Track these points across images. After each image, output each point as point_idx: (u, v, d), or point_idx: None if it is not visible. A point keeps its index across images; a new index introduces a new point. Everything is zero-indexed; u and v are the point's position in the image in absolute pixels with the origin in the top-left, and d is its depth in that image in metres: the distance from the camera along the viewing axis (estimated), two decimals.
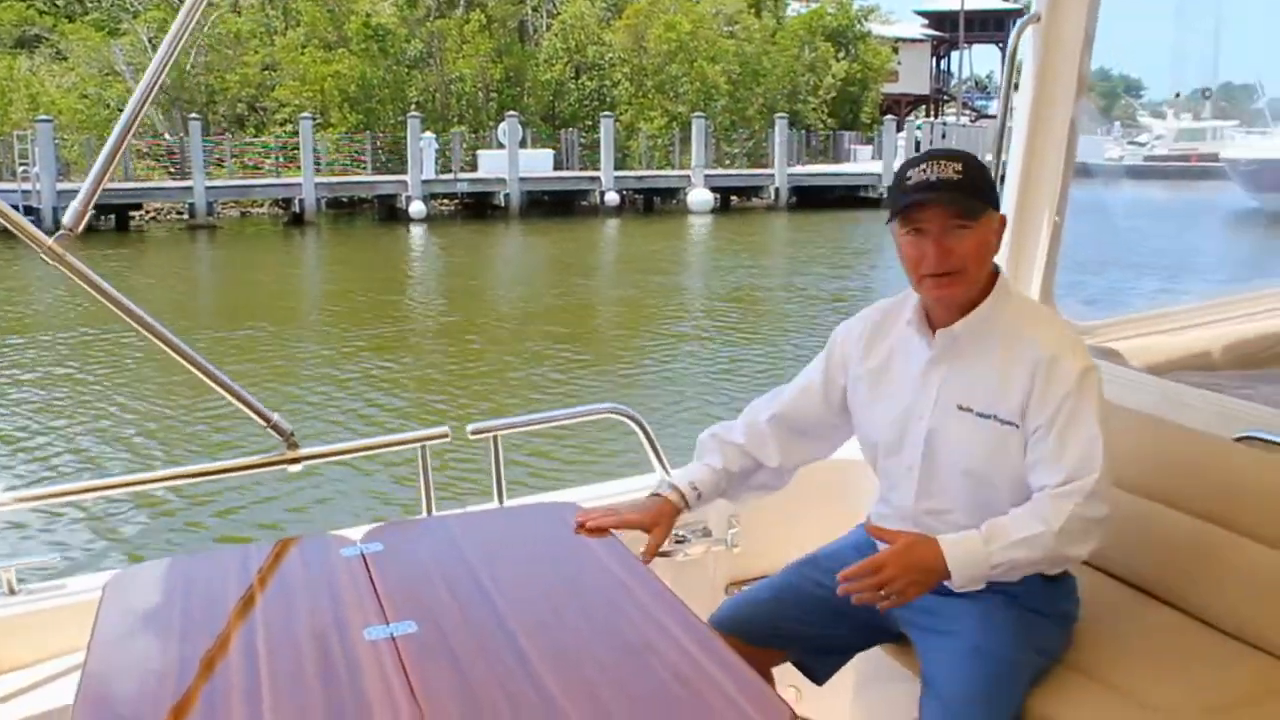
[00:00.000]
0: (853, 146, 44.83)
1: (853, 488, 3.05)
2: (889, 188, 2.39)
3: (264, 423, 2.68)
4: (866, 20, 50.21)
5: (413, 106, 37.39)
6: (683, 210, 36.49)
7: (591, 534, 2.37)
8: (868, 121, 47.81)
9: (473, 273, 24.97)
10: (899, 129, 41.89)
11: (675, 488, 2.51)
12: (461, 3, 41.67)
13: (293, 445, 2.73)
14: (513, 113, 35.99)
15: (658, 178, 38.84)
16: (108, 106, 35.01)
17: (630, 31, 42.07)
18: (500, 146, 35.64)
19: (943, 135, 42.75)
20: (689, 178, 37.33)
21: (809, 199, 38.44)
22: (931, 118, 55.93)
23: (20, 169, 29.00)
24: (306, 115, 33.98)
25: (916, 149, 37.61)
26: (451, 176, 35.55)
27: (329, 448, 2.93)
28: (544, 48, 43.32)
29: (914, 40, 59.34)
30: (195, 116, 33.28)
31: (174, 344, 2.51)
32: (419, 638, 1.92)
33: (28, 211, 26.23)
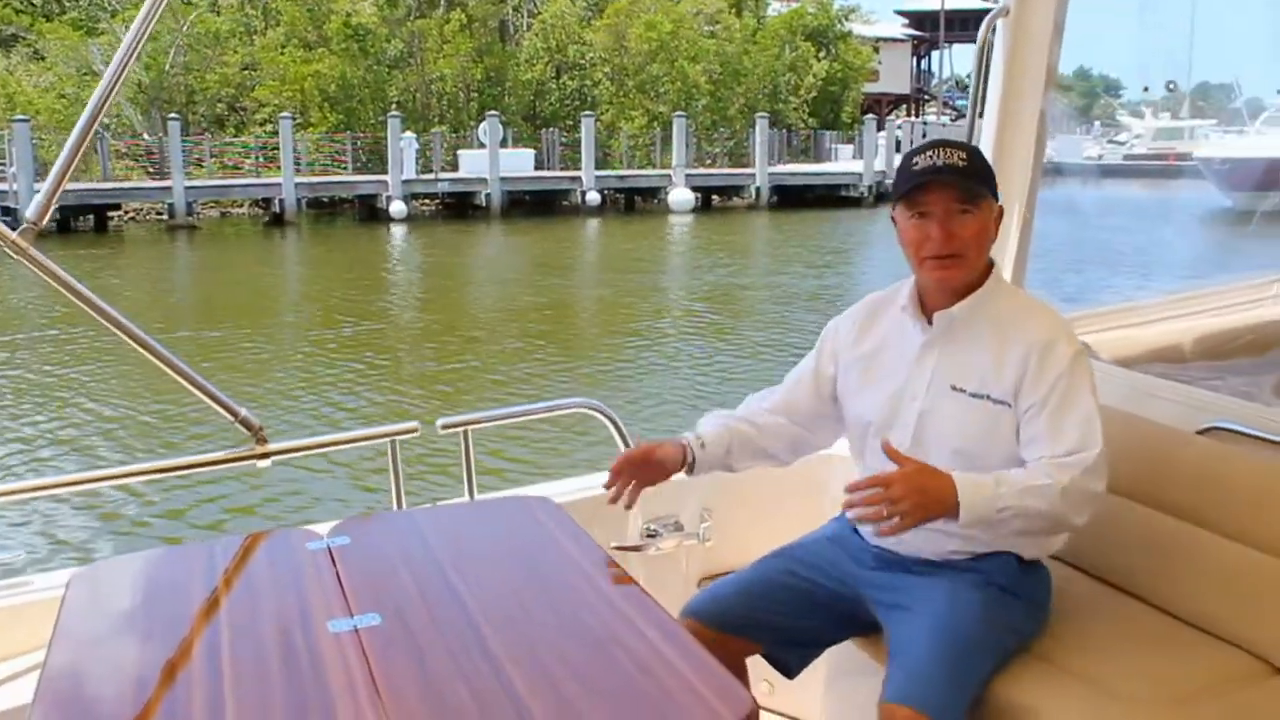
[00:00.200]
0: (834, 146, 44.89)
1: (825, 483, 3.05)
2: (898, 168, 2.44)
3: (232, 417, 2.66)
4: (847, 20, 50.25)
5: (393, 106, 37.30)
6: (664, 210, 36.47)
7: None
8: (849, 121, 47.85)
9: (452, 273, 24.92)
10: (880, 128, 41.98)
11: (682, 442, 2.53)
12: (442, 2, 41.55)
13: (261, 440, 2.71)
14: (493, 112, 35.90)
15: (639, 177, 38.83)
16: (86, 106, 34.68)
17: (611, 31, 42.05)
18: (481, 146, 35.57)
19: (923, 135, 42.79)
20: (670, 177, 37.33)
21: (790, 198, 38.51)
22: (912, 117, 56.10)
23: None
24: (286, 115, 33.85)
25: (897, 149, 37.77)
26: (432, 176, 35.48)
27: (298, 443, 2.91)
28: (525, 47, 43.26)
29: (895, 40, 59.47)
30: (174, 116, 33.10)
31: (139, 338, 2.49)
32: (383, 630, 1.91)
33: (5, 212, 26.09)
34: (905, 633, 2.30)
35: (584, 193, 36.12)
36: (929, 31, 60.10)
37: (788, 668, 2.57)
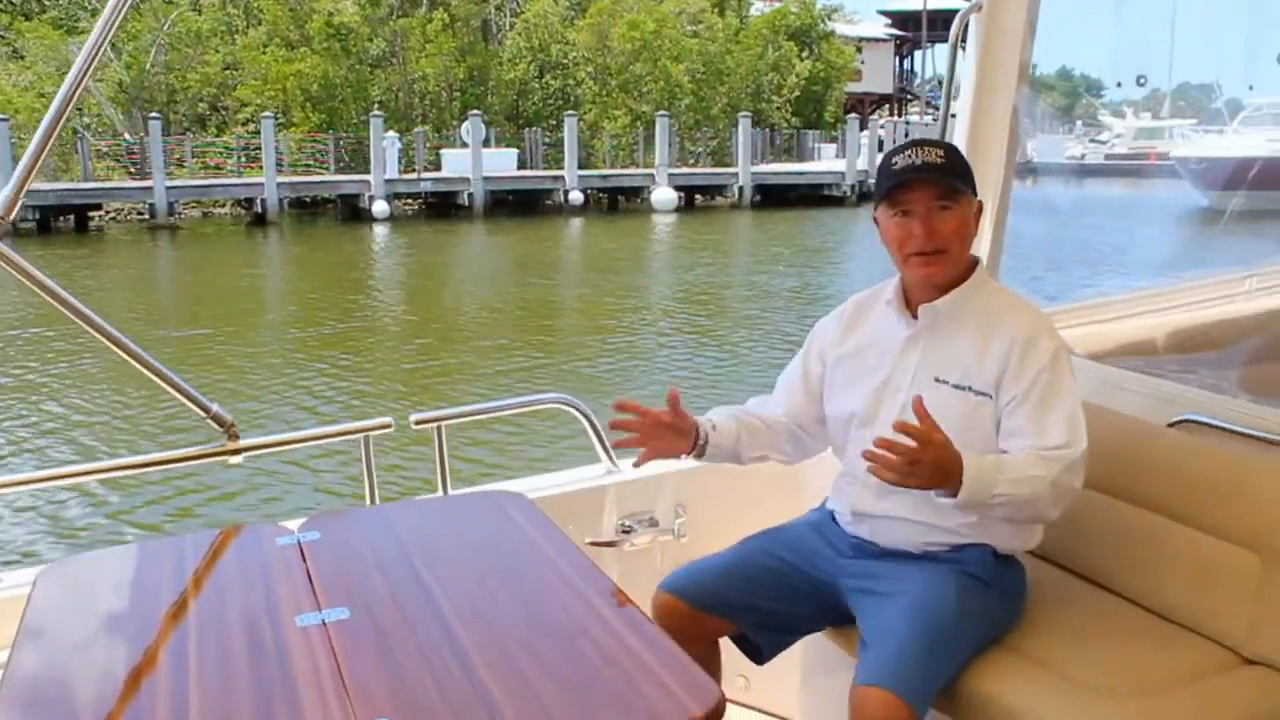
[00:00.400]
0: (817, 145, 44.94)
1: (802, 478, 3.05)
2: (878, 169, 2.48)
3: (203, 413, 2.64)
4: (830, 19, 50.32)
5: (376, 106, 37.20)
6: (647, 209, 36.48)
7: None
8: (831, 120, 47.89)
9: (434, 272, 24.86)
10: (863, 128, 42.03)
11: (695, 421, 2.54)
12: (424, 2, 41.48)
13: (233, 436, 2.70)
14: (476, 112, 35.85)
15: (622, 177, 38.81)
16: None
17: (594, 30, 42.03)
18: (464, 146, 35.52)
19: (906, 134, 42.87)
20: (653, 177, 37.33)
21: (772, 198, 38.55)
22: (895, 117, 56.20)
23: None
24: (268, 115, 33.71)
25: (880, 148, 37.80)
26: (415, 176, 35.43)
27: (270, 439, 2.89)
28: (507, 47, 43.20)
29: (877, 40, 59.56)
30: (155, 116, 32.93)
31: (109, 334, 2.47)
32: (350, 623, 1.91)
33: None
34: (879, 619, 2.31)
35: (567, 192, 36.09)
36: (912, 31, 60.22)
37: (759, 653, 2.58)
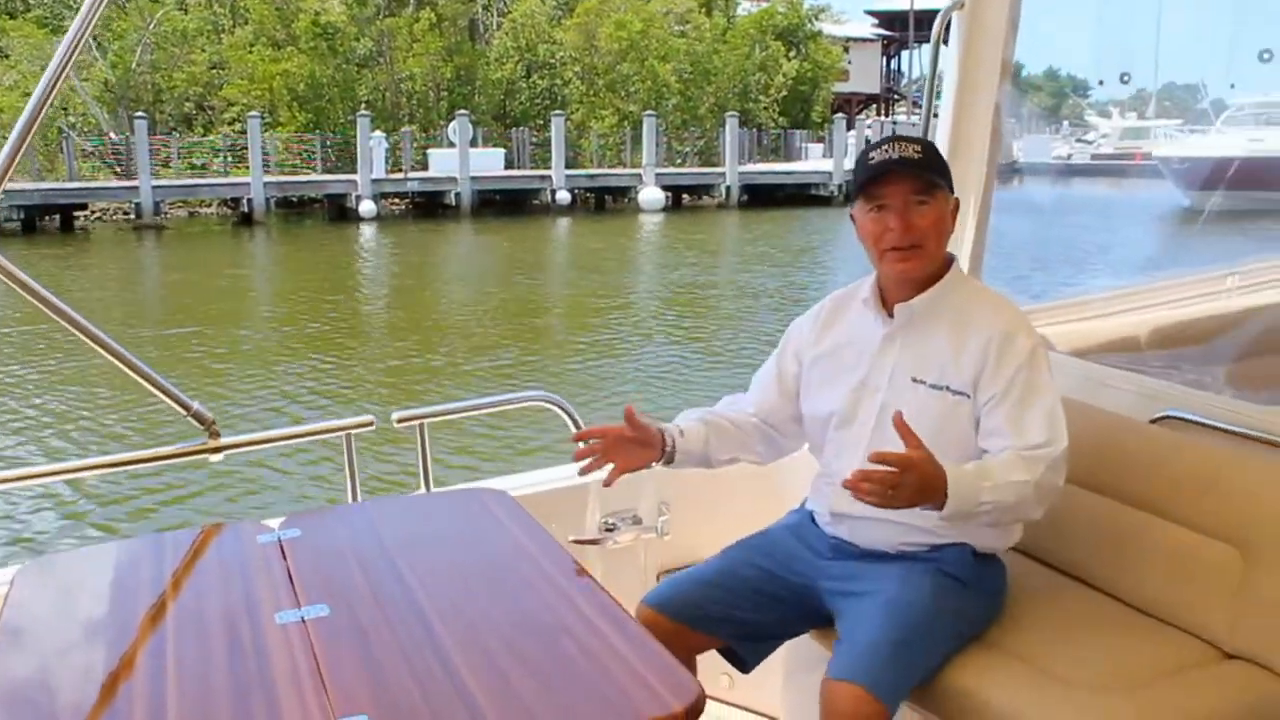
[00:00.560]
0: (804, 145, 45.00)
1: (784, 476, 3.05)
2: (854, 165, 2.47)
3: (183, 411, 2.63)
4: (817, 19, 50.37)
5: (362, 105, 37.12)
6: (634, 209, 36.47)
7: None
8: (819, 120, 47.98)
9: (421, 272, 24.83)
10: (850, 128, 42.11)
11: (660, 428, 2.50)
12: (411, 1, 41.42)
13: (214, 434, 2.68)
14: (463, 111, 35.82)
15: (609, 176, 38.78)
16: (51, 105, 34.36)
17: (581, 30, 42.02)
18: (451, 145, 35.47)
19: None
20: (640, 176, 37.33)
21: (760, 197, 38.55)
22: (882, 117, 56.24)
23: None
24: (255, 114, 33.61)
25: None
26: (402, 176, 35.35)
27: (250, 436, 2.88)
28: (494, 46, 43.15)
29: (864, 40, 59.63)
30: (141, 115, 32.75)
31: (90, 332, 2.46)
32: (330, 620, 1.90)
33: None
34: (855, 616, 2.31)
35: (554, 192, 36.03)
36: (899, 31, 60.26)
37: (744, 662, 2.57)
